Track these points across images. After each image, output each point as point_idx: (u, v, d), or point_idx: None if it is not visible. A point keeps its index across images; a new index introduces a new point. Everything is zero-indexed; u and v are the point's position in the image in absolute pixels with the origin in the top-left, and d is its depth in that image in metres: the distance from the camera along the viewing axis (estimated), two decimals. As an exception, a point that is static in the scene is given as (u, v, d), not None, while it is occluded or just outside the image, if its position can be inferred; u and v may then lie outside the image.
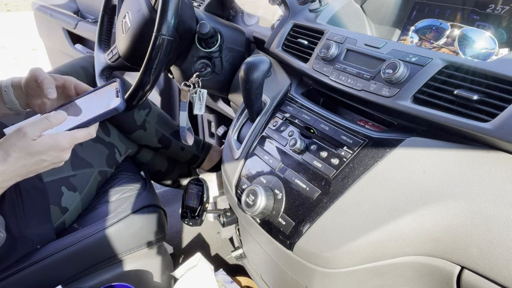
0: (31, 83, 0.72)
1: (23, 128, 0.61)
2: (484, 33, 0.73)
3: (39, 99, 0.74)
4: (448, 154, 0.55)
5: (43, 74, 0.71)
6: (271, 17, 1.11)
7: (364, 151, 0.63)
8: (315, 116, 0.75)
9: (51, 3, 2.29)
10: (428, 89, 0.60)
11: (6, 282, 0.85)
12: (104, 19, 1.11)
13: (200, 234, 1.59)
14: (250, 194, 0.69)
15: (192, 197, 0.98)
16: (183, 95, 1.04)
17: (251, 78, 0.77)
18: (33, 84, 0.72)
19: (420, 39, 0.85)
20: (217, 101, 1.37)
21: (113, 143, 1.17)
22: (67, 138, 0.64)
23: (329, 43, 0.77)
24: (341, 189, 0.61)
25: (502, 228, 0.47)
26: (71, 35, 2.21)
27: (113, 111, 0.67)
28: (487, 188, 0.50)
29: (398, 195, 0.56)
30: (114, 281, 0.96)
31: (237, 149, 0.84)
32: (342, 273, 0.62)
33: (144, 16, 0.90)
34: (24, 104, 0.76)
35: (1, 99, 0.75)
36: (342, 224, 0.59)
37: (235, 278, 1.25)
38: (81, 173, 1.03)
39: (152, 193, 1.13)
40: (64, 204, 0.97)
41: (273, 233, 0.68)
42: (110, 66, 1.05)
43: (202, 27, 0.97)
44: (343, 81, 0.72)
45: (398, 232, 0.55)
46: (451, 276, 0.54)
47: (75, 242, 0.93)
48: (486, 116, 0.53)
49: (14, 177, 0.62)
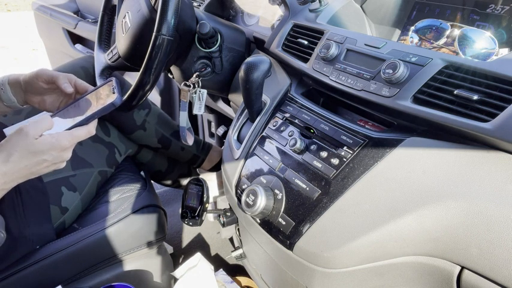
0: (34, 81, 0.74)
1: (24, 127, 0.61)
2: (484, 33, 0.73)
3: (39, 97, 0.76)
4: (448, 154, 0.55)
5: (54, 71, 0.74)
6: (271, 17, 1.11)
7: (364, 151, 0.63)
8: (315, 116, 0.75)
9: (51, 3, 2.29)
10: (428, 89, 0.60)
11: (6, 282, 0.85)
12: (104, 19, 1.11)
13: (200, 234, 1.59)
14: (250, 194, 0.69)
15: (192, 197, 0.98)
16: (183, 95, 1.04)
17: (251, 78, 0.77)
18: (37, 82, 0.74)
19: (420, 39, 0.85)
20: (217, 101, 1.37)
21: (112, 143, 1.17)
22: (67, 137, 0.64)
23: (329, 43, 0.77)
24: (341, 189, 0.61)
25: (502, 228, 0.47)
26: (71, 35, 2.21)
27: (110, 106, 0.67)
28: (487, 188, 0.50)
29: (398, 195, 0.56)
30: (114, 281, 0.96)
31: (237, 149, 0.84)
32: (342, 273, 0.62)
33: (144, 16, 0.90)
34: (22, 101, 0.77)
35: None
36: (342, 224, 0.59)
37: (235, 278, 1.25)
38: (81, 173, 1.03)
39: (152, 193, 1.13)
40: (64, 204, 0.97)
41: (273, 233, 0.68)
42: (110, 66, 1.05)
43: (202, 27, 0.97)
44: (343, 81, 0.72)
45: (398, 232, 0.55)
46: (451, 276, 0.54)
47: (75, 242, 0.93)
48: (486, 116, 0.53)
49: (16, 179, 0.63)
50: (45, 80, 0.74)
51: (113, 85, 0.70)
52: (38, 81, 0.74)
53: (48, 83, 0.74)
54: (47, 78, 0.73)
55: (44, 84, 0.74)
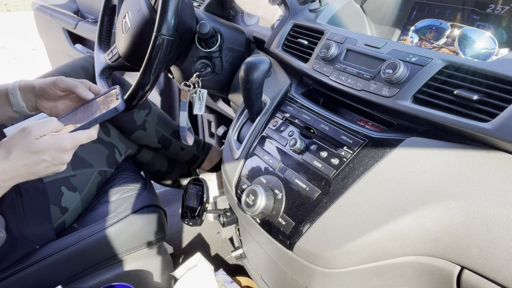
0: (50, 88, 0.74)
1: (28, 126, 0.61)
2: (484, 33, 0.73)
3: (51, 103, 0.77)
4: (448, 154, 0.55)
5: (72, 80, 0.75)
6: (271, 17, 1.11)
7: (364, 151, 0.63)
8: (315, 116, 0.75)
9: (51, 3, 2.29)
10: (428, 89, 0.60)
11: (6, 282, 0.85)
12: (104, 19, 1.11)
13: (200, 234, 1.59)
14: (250, 194, 0.69)
15: (192, 197, 0.98)
16: (183, 95, 1.04)
17: (251, 78, 0.77)
18: (53, 90, 0.74)
19: (420, 39, 0.85)
20: (217, 101, 1.37)
21: (112, 143, 1.17)
22: (69, 139, 0.64)
23: (329, 43, 0.77)
24: (341, 189, 0.61)
25: (502, 228, 0.47)
26: (71, 35, 2.21)
27: (113, 111, 0.70)
28: (487, 188, 0.50)
29: (398, 195, 0.56)
30: (114, 281, 0.96)
31: (237, 149, 0.84)
32: (342, 273, 0.62)
33: (144, 16, 0.90)
34: (31, 107, 0.78)
35: (7, 102, 0.76)
36: (342, 224, 0.59)
37: (235, 278, 1.25)
38: (81, 173, 1.03)
39: (152, 193, 1.13)
40: (64, 204, 0.97)
41: (273, 233, 0.68)
42: (110, 66, 1.05)
43: (202, 27, 0.97)
44: (343, 81, 0.72)
45: (398, 232, 0.55)
46: (451, 276, 0.54)
47: (75, 242, 0.93)
48: (486, 116, 0.53)
49: (14, 177, 0.63)
50: (62, 88, 0.74)
51: (117, 92, 0.73)
52: (56, 89, 0.74)
53: (65, 90, 0.75)
54: (64, 87, 0.74)
55: (60, 92, 0.75)
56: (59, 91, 0.75)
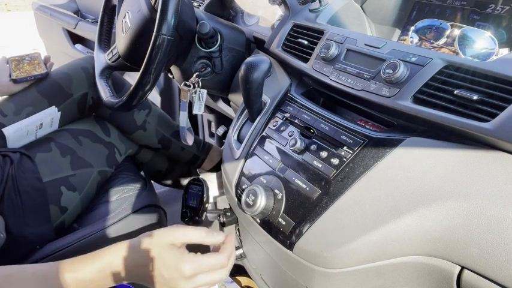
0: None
1: (185, 266, 0.61)
2: (484, 33, 0.73)
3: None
4: (448, 154, 0.55)
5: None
6: (271, 17, 1.11)
7: (364, 151, 0.63)
8: (315, 116, 0.75)
9: (51, 3, 2.30)
10: (428, 89, 0.60)
11: (6, 282, 0.85)
12: (104, 19, 1.11)
13: (200, 234, 1.58)
14: (250, 194, 0.69)
15: (192, 197, 0.98)
16: (183, 95, 1.04)
17: (251, 78, 0.77)
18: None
19: (420, 39, 0.85)
20: (217, 101, 1.37)
21: (112, 143, 1.17)
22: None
23: (329, 43, 0.77)
24: (341, 189, 0.61)
25: (502, 228, 0.47)
26: (71, 35, 2.21)
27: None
28: (487, 188, 0.50)
29: (399, 195, 0.56)
30: (114, 281, 0.96)
31: (237, 149, 0.84)
32: (342, 273, 0.62)
33: (144, 16, 0.90)
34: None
35: None
36: (342, 224, 0.59)
37: (235, 278, 1.25)
38: (81, 173, 1.03)
39: (152, 193, 1.13)
40: (63, 204, 0.97)
41: (273, 233, 0.68)
42: (110, 66, 1.05)
43: (202, 27, 0.97)
44: (343, 81, 0.72)
45: (398, 232, 0.55)
46: (451, 276, 0.54)
47: (75, 242, 0.93)
48: (486, 116, 0.53)
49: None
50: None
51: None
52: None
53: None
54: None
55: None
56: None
